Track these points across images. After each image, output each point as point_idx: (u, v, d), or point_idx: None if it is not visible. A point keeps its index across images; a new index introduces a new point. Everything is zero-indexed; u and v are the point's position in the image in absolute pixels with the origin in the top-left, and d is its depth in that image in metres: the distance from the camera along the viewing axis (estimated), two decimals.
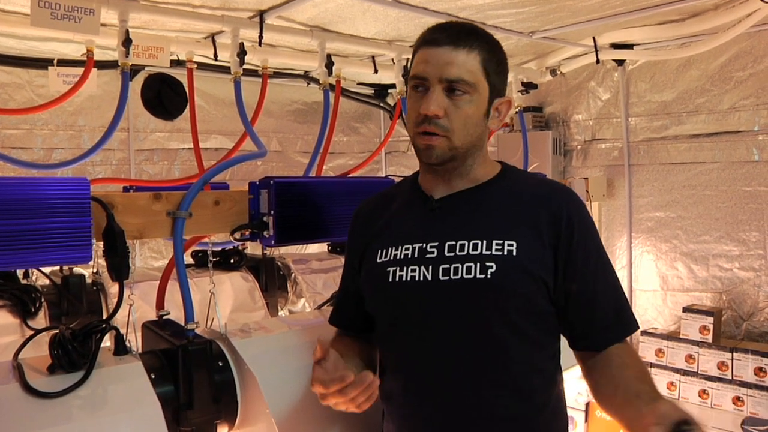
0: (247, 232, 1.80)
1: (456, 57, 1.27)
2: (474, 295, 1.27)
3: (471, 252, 1.28)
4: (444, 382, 1.30)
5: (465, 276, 1.27)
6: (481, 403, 1.29)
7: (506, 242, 1.27)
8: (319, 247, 3.39)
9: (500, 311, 1.27)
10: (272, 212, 1.75)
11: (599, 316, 1.30)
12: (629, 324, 1.33)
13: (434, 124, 1.28)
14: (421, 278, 1.31)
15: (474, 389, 1.29)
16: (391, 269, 1.35)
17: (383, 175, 4.28)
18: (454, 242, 1.30)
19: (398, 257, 1.35)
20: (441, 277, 1.29)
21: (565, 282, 1.29)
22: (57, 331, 1.40)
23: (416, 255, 1.33)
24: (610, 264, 1.37)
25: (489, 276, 1.25)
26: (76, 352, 1.37)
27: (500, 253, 1.27)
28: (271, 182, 1.75)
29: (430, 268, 1.30)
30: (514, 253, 1.26)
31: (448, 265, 1.29)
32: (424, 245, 1.33)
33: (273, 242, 1.75)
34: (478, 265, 1.26)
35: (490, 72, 1.32)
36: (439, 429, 1.31)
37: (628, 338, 1.35)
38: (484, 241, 1.28)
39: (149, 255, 3.28)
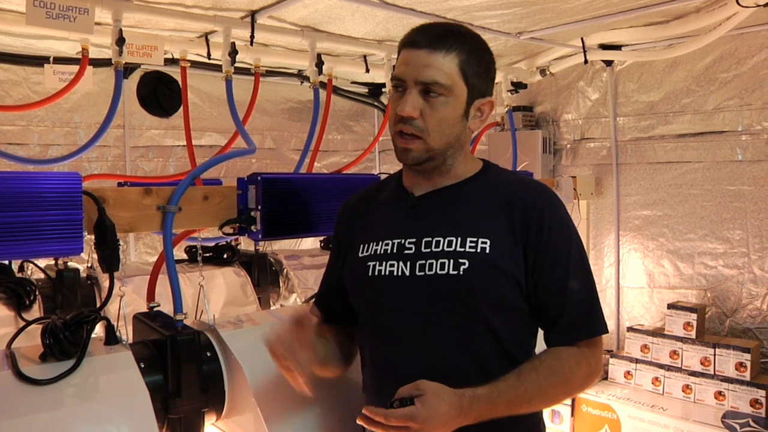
0: (236, 227, 1.85)
1: (433, 60, 1.30)
2: (446, 292, 1.31)
3: (446, 249, 1.32)
4: (415, 376, 1.29)
5: (439, 272, 1.30)
6: None
7: (480, 240, 1.31)
8: (312, 243, 3.44)
9: (471, 308, 1.30)
10: (259, 207, 1.80)
11: (567, 314, 1.32)
12: (595, 326, 1.35)
13: (409, 125, 1.32)
14: (399, 273, 1.35)
15: (445, 380, 1.28)
16: (371, 264, 1.39)
17: (377, 173, 4.32)
18: (430, 239, 1.34)
19: (378, 252, 1.39)
20: (417, 273, 1.33)
21: (534, 277, 1.32)
22: (49, 320, 1.45)
23: (395, 250, 1.37)
24: (585, 265, 1.38)
25: (461, 273, 1.29)
26: (67, 341, 1.41)
27: (473, 250, 1.30)
28: (259, 178, 1.80)
29: (408, 263, 1.34)
30: (487, 251, 1.30)
31: (424, 261, 1.33)
32: (403, 241, 1.37)
33: (260, 236, 1.80)
34: (452, 261, 1.30)
35: (469, 74, 1.33)
36: None
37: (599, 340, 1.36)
38: (459, 238, 1.32)
39: (144, 250, 3.32)
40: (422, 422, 1.14)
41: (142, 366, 1.50)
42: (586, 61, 3.20)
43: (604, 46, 3.19)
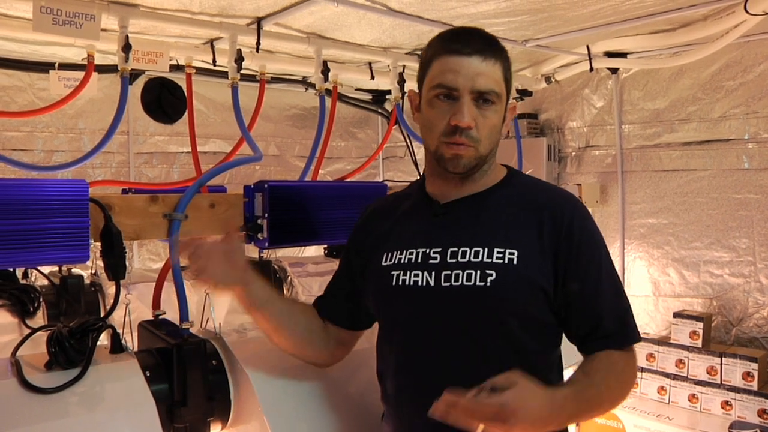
0: (242, 235, 1.84)
1: (485, 68, 1.28)
2: (472, 303, 1.28)
3: (472, 259, 1.29)
4: (440, 386, 1.25)
5: (465, 283, 1.27)
6: None
7: (507, 250, 1.28)
8: (316, 251, 3.43)
9: (498, 319, 1.28)
10: (266, 215, 1.78)
11: (601, 325, 1.29)
12: (630, 335, 1.32)
13: (466, 135, 1.29)
14: (424, 283, 1.32)
15: None
16: (395, 273, 1.37)
17: (380, 180, 4.31)
18: (456, 249, 1.31)
19: (402, 261, 1.37)
20: (443, 283, 1.30)
21: (565, 290, 1.29)
22: (55, 328, 1.43)
23: (420, 260, 1.34)
24: (615, 273, 1.35)
25: (488, 284, 1.26)
26: (73, 350, 1.40)
27: (501, 261, 1.27)
28: (266, 186, 1.79)
29: (433, 273, 1.32)
30: (515, 262, 1.27)
31: (449, 272, 1.30)
32: (428, 250, 1.34)
33: (266, 244, 1.79)
34: (478, 272, 1.27)
35: (508, 80, 1.35)
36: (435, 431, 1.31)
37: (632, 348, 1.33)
38: (486, 249, 1.29)
39: (147, 257, 3.31)
40: (511, 412, 1.06)
41: (148, 375, 1.49)
42: (591, 69, 3.19)
43: (610, 54, 3.19)
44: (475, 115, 1.29)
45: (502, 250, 1.28)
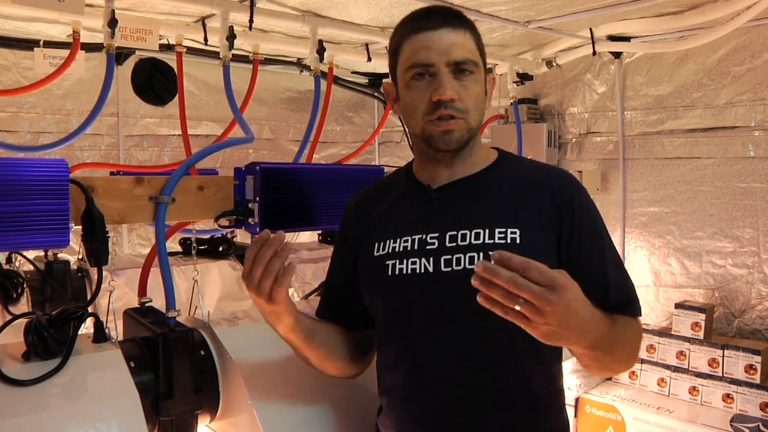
0: (232, 219, 1.77)
1: (457, 38, 1.26)
2: None
3: (473, 241, 1.26)
4: (447, 373, 1.27)
5: (468, 266, 1.24)
6: (484, 394, 1.26)
7: (509, 230, 1.25)
8: (309, 237, 3.36)
9: None
10: (257, 199, 1.72)
11: (608, 298, 1.25)
12: (636, 308, 1.31)
13: (451, 108, 1.26)
14: (422, 270, 1.28)
15: (477, 380, 1.26)
16: (390, 262, 1.32)
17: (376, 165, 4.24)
18: (455, 232, 1.28)
19: (397, 250, 1.32)
20: (443, 269, 1.26)
21: (571, 269, 1.25)
22: (33, 316, 1.37)
23: (416, 247, 1.30)
24: (614, 248, 1.35)
25: None
26: (52, 339, 1.34)
27: (503, 241, 1.24)
28: (257, 168, 1.72)
29: (432, 259, 1.28)
30: (518, 241, 1.24)
31: (449, 256, 1.26)
32: (424, 236, 1.30)
33: (258, 229, 1.72)
34: (481, 254, 1.24)
35: (482, 51, 1.33)
36: (441, 421, 1.28)
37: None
38: (487, 230, 1.26)
39: (137, 242, 3.24)
40: (560, 291, 0.95)
41: (132, 365, 1.43)
42: (594, 53, 3.11)
43: (613, 38, 3.11)
44: (456, 88, 1.26)
45: (503, 230, 1.25)
